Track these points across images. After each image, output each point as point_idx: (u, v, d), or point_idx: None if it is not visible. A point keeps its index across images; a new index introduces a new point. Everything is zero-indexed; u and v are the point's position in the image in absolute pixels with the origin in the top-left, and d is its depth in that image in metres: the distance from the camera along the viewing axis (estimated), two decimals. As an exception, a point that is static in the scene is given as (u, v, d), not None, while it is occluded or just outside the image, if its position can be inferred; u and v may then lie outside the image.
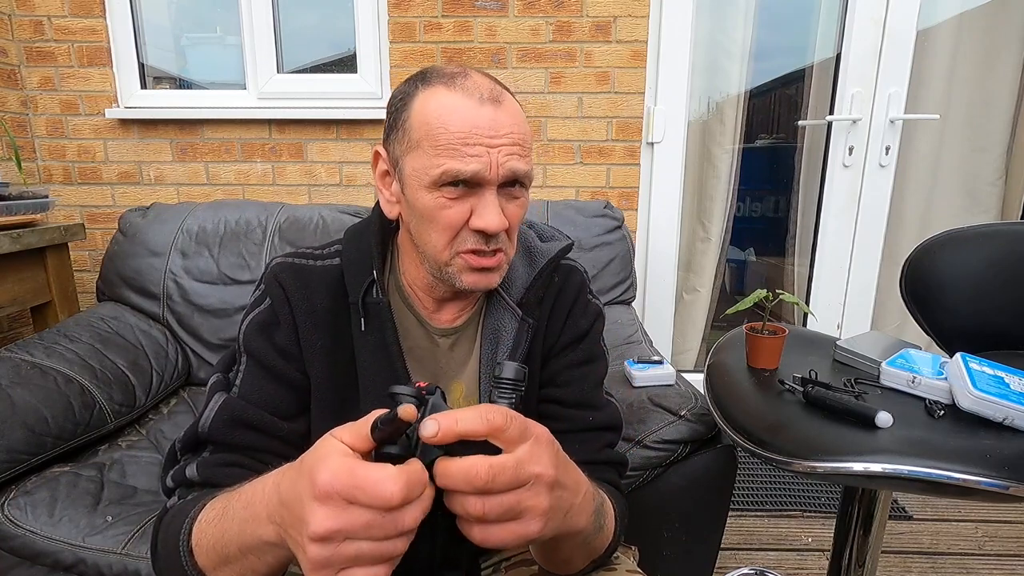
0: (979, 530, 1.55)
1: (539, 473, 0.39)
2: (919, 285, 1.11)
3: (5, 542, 0.91)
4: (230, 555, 0.44)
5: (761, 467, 1.83)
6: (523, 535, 0.39)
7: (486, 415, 0.38)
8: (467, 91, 0.57)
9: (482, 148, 0.55)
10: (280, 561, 0.43)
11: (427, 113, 0.57)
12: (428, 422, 0.36)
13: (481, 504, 0.37)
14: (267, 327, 0.63)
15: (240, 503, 0.44)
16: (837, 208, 1.97)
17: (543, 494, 0.39)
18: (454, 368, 0.69)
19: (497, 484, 0.37)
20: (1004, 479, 0.67)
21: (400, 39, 1.76)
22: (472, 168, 0.55)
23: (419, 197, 0.59)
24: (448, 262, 0.60)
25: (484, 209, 0.57)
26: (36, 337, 1.25)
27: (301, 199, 1.87)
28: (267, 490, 0.41)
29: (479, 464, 0.37)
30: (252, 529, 0.41)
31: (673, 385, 1.13)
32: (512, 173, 0.57)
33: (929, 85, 1.94)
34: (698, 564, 1.07)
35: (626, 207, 1.86)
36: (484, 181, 0.57)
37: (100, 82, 1.79)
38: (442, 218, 0.58)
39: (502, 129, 0.56)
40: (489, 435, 0.38)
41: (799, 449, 0.76)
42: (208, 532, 0.46)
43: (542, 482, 0.39)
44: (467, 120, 0.56)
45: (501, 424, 0.38)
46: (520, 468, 0.38)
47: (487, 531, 0.38)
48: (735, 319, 1.74)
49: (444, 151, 0.56)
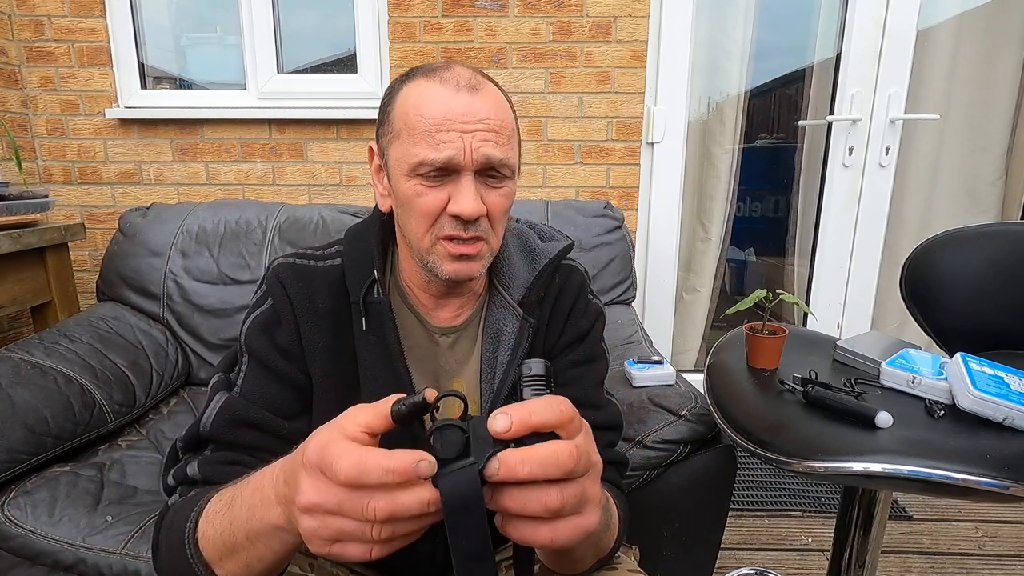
0: (979, 530, 1.55)
1: (596, 460, 0.38)
2: (919, 285, 1.11)
3: (5, 542, 0.91)
4: (237, 543, 0.44)
5: (761, 467, 1.83)
6: (587, 529, 0.37)
7: (558, 405, 0.36)
8: (445, 80, 0.58)
9: (455, 134, 0.56)
10: (286, 548, 0.43)
11: (407, 103, 0.58)
12: (499, 416, 0.35)
13: (560, 495, 0.34)
14: (269, 327, 0.63)
15: (249, 489, 0.44)
16: (837, 208, 1.97)
17: (597, 483, 0.38)
18: (454, 367, 0.69)
19: (579, 468, 0.35)
20: (1004, 479, 0.67)
21: (400, 39, 1.76)
22: (445, 155, 0.56)
23: (400, 185, 0.59)
24: (429, 249, 0.61)
25: (459, 194, 0.58)
26: (36, 337, 1.25)
27: (301, 199, 1.87)
28: (276, 471, 0.42)
29: (563, 448, 0.35)
30: (261, 514, 0.42)
31: (673, 385, 1.13)
32: (486, 159, 0.57)
33: (929, 85, 1.94)
34: (698, 564, 1.07)
35: (626, 207, 1.86)
36: (459, 167, 0.57)
37: (100, 82, 1.79)
38: (420, 204, 0.59)
39: (477, 115, 0.57)
40: (560, 426, 0.36)
41: (799, 449, 0.76)
42: (215, 522, 0.46)
43: (597, 470, 0.38)
44: (442, 107, 0.56)
45: (571, 414, 0.37)
46: (585, 454, 0.36)
47: (557, 529, 0.35)
48: (735, 319, 1.75)
49: (420, 139, 0.56)
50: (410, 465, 0.33)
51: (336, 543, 0.35)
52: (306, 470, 0.35)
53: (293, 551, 0.44)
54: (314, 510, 0.35)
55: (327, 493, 0.34)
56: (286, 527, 0.40)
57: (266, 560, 0.44)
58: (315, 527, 0.35)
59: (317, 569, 0.67)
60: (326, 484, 0.34)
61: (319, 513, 0.35)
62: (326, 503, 0.34)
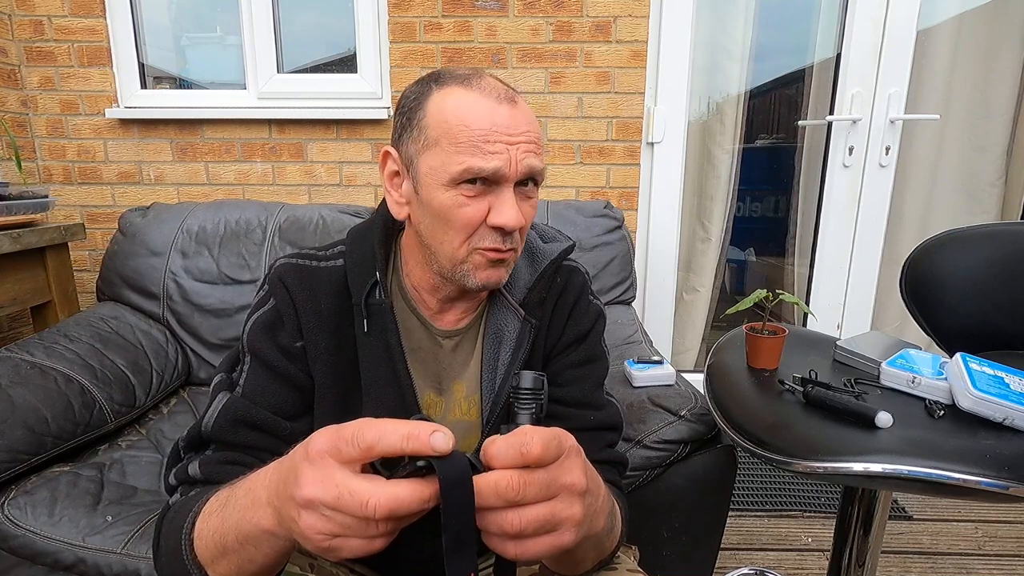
0: (979, 530, 1.55)
1: (572, 483, 0.38)
2: (919, 285, 1.11)
3: (5, 542, 0.91)
4: (228, 545, 0.43)
5: (761, 467, 1.83)
6: (558, 546, 0.38)
7: (521, 447, 0.36)
8: (484, 90, 0.58)
9: (502, 145, 0.56)
10: (277, 553, 0.42)
11: (445, 111, 0.57)
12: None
13: (518, 520, 0.36)
14: (271, 327, 0.63)
15: (243, 490, 0.44)
16: (837, 208, 1.97)
17: (576, 504, 0.39)
18: (456, 369, 0.69)
19: (528, 495, 0.36)
20: (1004, 479, 0.67)
21: (400, 39, 1.76)
22: (493, 165, 0.56)
23: (435, 196, 0.58)
24: (464, 259, 0.60)
25: (503, 206, 0.57)
26: (36, 337, 1.24)
27: (301, 199, 1.87)
28: (269, 473, 0.41)
29: (508, 477, 0.36)
30: (251, 516, 0.41)
31: (673, 385, 1.13)
32: (530, 170, 0.58)
33: (929, 85, 1.94)
34: (698, 564, 1.07)
35: (626, 207, 1.86)
36: (503, 178, 0.57)
37: (100, 82, 1.79)
38: (460, 216, 0.58)
39: (520, 127, 0.57)
40: (524, 465, 0.37)
41: (799, 449, 0.76)
42: (210, 522, 0.46)
43: (575, 492, 0.39)
44: (487, 117, 0.56)
45: (536, 455, 0.37)
46: (551, 480, 0.37)
47: (523, 546, 0.38)
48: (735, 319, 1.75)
49: (465, 148, 0.56)
50: (425, 432, 0.34)
51: (336, 538, 0.35)
52: (310, 461, 0.35)
53: (284, 556, 0.43)
54: (314, 505, 0.34)
55: (329, 485, 0.34)
56: (275, 530, 0.40)
57: (257, 563, 0.43)
58: (313, 522, 0.35)
59: (317, 569, 0.66)
60: (330, 476, 0.34)
61: (318, 508, 0.34)
62: (326, 496, 0.34)
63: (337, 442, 0.35)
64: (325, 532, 0.35)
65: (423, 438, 0.34)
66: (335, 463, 0.35)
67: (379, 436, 0.34)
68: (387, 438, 0.34)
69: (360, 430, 0.34)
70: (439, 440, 0.34)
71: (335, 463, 0.35)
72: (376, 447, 0.34)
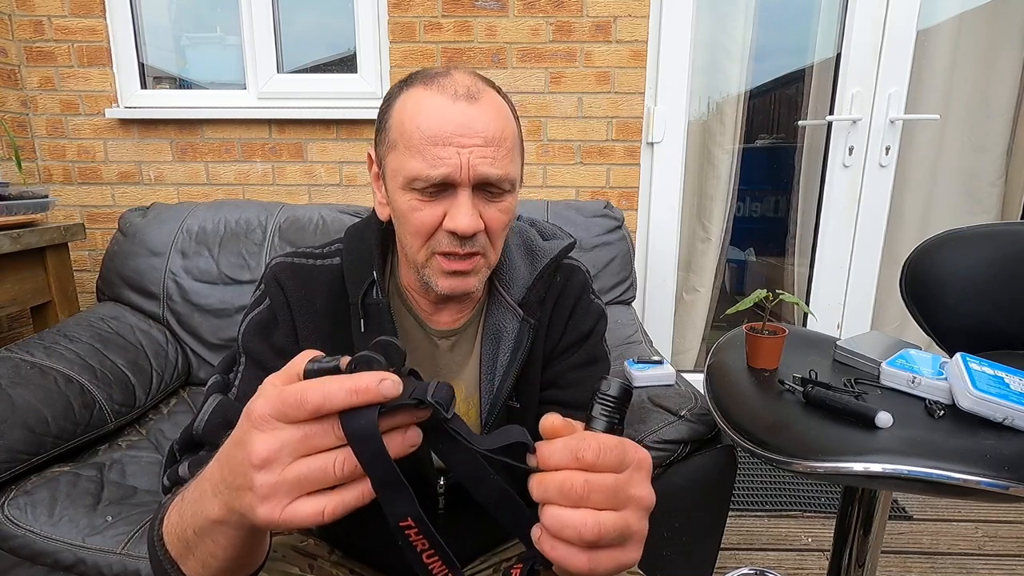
0: (979, 530, 1.55)
1: (640, 497, 0.37)
2: (919, 285, 1.11)
3: (5, 542, 0.91)
4: (189, 540, 0.42)
5: (761, 467, 1.83)
6: (625, 564, 0.36)
7: (577, 452, 0.35)
8: (442, 89, 0.56)
9: (452, 149, 0.54)
10: (235, 545, 0.40)
11: (403, 113, 0.57)
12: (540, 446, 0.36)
13: (596, 524, 0.34)
14: (265, 328, 0.63)
15: (194, 483, 0.43)
16: (837, 208, 1.97)
17: (644, 519, 0.38)
18: (454, 369, 0.69)
19: (593, 500, 0.34)
20: (1004, 479, 0.67)
21: (400, 39, 1.76)
22: (440, 172, 0.55)
23: (396, 197, 0.59)
24: (424, 263, 0.60)
25: (456, 211, 0.56)
26: (36, 337, 1.24)
27: (301, 199, 1.87)
28: (213, 463, 0.40)
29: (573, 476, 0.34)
30: (200, 508, 0.40)
31: (673, 385, 1.13)
32: (483, 177, 0.56)
33: (929, 85, 1.94)
34: (698, 564, 1.07)
35: (626, 207, 1.86)
36: (456, 183, 0.56)
37: (100, 82, 1.79)
38: (414, 220, 0.58)
39: (474, 127, 0.55)
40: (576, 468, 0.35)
41: (799, 449, 0.76)
42: (172, 519, 0.45)
43: (642, 506, 0.37)
44: (437, 119, 0.55)
45: (590, 461, 0.35)
46: (619, 488, 0.35)
47: (596, 559, 0.35)
48: (735, 319, 1.75)
49: (415, 152, 0.55)
50: (372, 382, 0.32)
51: (296, 500, 0.33)
52: (256, 427, 0.33)
53: (244, 548, 0.42)
54: (274, 459, 0.33)
55: (285, 434, 0.32)
56: (225, 518, 0.38)
57: (219, 557, 0.42)
58: (272, 482, 0.33)
59: (317, 569, 0.66)
60: (284, 428, 0.33)
61: (279, 463, 0.33)
62: (287, 443, 0.32)
63: (281, 406, 0.33)
64: (284, 491, 0.33)
65: (373, 390, 0.32)
66: (284, 426, 0.33)
67: (324, 397, 0.32)
68: (333, 398, 0.32)
69: (303, 393, 0.32)
70: (388, 388, 0.32)
71: (284, 426, 0.33)
72: (324, 408, 0.32)
